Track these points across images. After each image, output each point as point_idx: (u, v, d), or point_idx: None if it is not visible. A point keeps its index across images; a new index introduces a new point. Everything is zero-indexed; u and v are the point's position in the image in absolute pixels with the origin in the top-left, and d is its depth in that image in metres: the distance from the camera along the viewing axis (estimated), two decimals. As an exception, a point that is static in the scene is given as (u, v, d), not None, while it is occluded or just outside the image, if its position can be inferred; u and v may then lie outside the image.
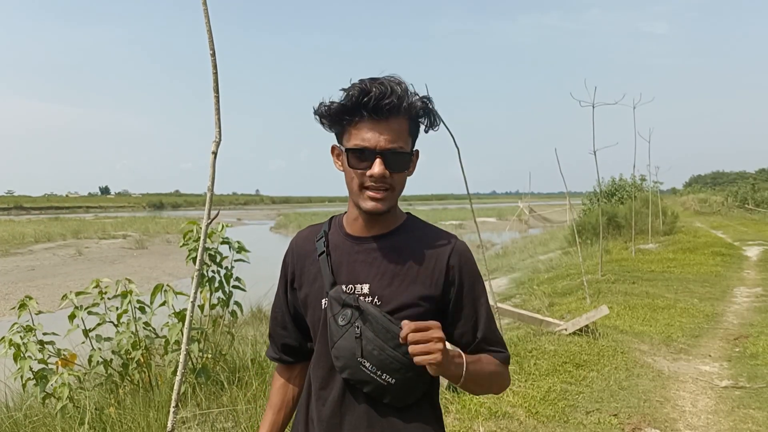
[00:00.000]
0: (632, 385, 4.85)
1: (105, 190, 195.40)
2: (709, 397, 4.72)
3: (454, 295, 1.36)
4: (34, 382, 3.74)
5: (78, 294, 3.91)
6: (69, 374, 3.72)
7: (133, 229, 34.64)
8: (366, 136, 1.28)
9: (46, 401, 3.82)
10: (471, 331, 1.38)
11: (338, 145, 1.37)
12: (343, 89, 1.30)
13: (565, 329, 6.12)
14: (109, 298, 4.08)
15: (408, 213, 1.46)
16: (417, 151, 1.38)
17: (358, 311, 1.28)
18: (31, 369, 3.71)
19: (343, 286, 1.34)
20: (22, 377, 3.70)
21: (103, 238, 30.25)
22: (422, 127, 1.38)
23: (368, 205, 1.30)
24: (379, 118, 1.27)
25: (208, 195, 2.04)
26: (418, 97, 1.32)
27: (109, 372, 4.10)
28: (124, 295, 4.06)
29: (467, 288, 1.37)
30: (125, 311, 4.08)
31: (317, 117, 1.35)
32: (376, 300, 1.32)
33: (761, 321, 7.31)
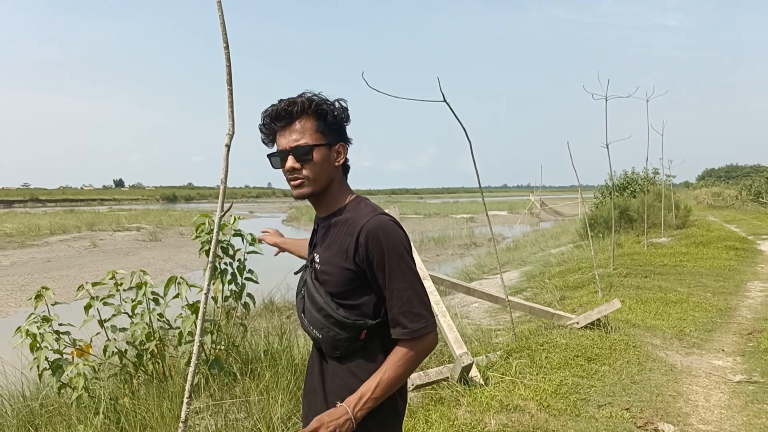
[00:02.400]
0: (644, 380, 4.82)
1: (119, 183, 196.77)
2: (723, 392, 4.69)
3: (368, 270, 1.57)
4: (50, 372, 3.79)
5: (94, 285, 3.96)
6: (84, 364, 3.76)
7: (147, 222, 34.91)
8: (280, 141, 1.63)
9: (62, 391, 3.87)
10: (390, 305, 1.58)
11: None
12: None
13: (577, 323, 6.10)
14: (124, 290, 4.12)
15: (357, 196, 1.71)
16: (329, 144, 1.63)
17: (303, 278, 1.73)
18: (47, 359, 3.76)
19: (314, 255, 1.69)
20: (38, 367, 3.75)
21: (117, 230, 30.53)
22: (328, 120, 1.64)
23: (294, 193, 1.64)
24: (285, 125, 1.61)
25: (221, 188, 2.05)
26: (317, 99, 1.61)
27: (123, 362, 4.15)
28: (138, 286, 4.10)
29: (377, 263, 1.56)
30: (140, 302, 4.12)
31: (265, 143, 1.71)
32: (317, 264, 1.66)
33: (776, 316, 7.24)
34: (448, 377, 4.50)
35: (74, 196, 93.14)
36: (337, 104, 1.64)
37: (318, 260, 1.66)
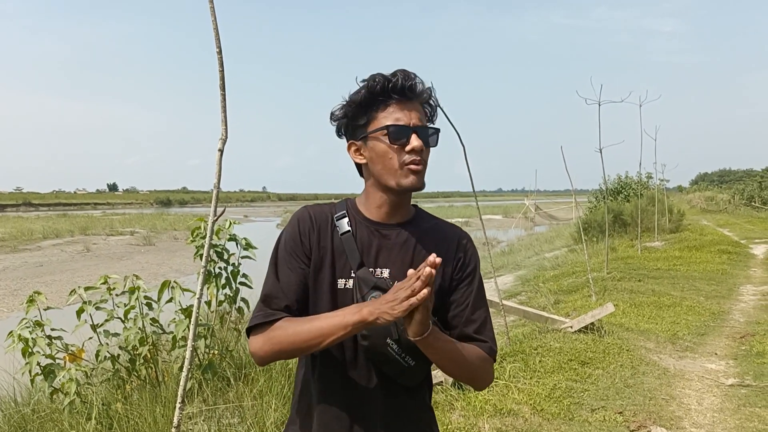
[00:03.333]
0: (638, 383, 4.84)
1: (113, 187, 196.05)
2: (715, 396, 4.71)
3: (456, 282, 1.42)
4: (42, 377, 3.77)
5: (86, 289, 3.94)
6: (76, 369, 3.75)
7: (141, 226, 34.77)
8: (397, 116, 1.35)
9: (54, 396, 3.85)
10: (462, 314, 1.40)
11: (356, 140, 1.42)
12: (364, 80, 1.38)
13: (571, 327, 6.12)
14: (117, 295, 4.11)
15: (415, 205, 1.51)
16: (439, 129, 1.44)
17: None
18: (39, 364, 3.74)
19: (369, 269, 1.38)
20: (30, 372, 3.73)
21: (110, 235, 30.38)
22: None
23: (408, 180, 1.35)
24: (405, 99, 1.37)
25: (215, 192, 2.05)
26: (427, 86, 1.41)
27: (116, 367, 4.13)
28: (131, 291, 4.09)
29: (469, 276, 1.43)
30: (132, 307, 4.11)
31: (342, 110, 1.41)
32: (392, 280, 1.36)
33: (768, 319, 7.28)
34: (442, 381, 4.50)
35: (67, 200, 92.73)
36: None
37: (391, 275, 1.37)
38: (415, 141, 1.34)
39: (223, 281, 4.44)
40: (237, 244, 4.54)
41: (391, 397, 1.40)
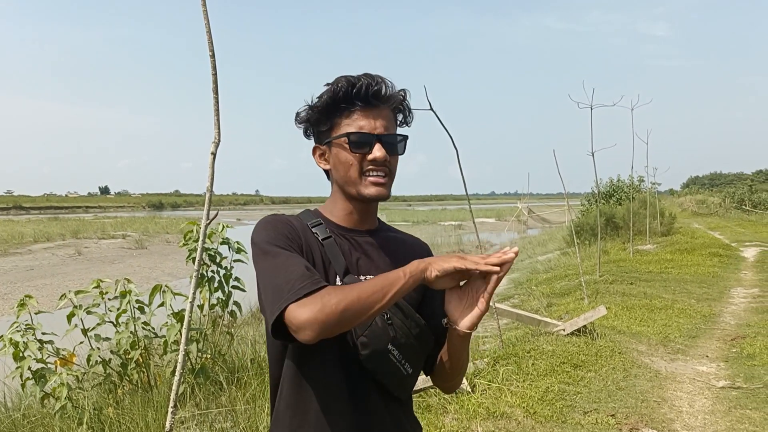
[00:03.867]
0: (630, 386, 4.86)
1: (105, 190, 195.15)
2: (706, 398, 4.73)
3: (428, 290, 1.33)
4: (33, 381, 3.74)
5: (77, 293, 3.92)
6: (68, 374, 3.72)
7: (133, 229, 34.61)
8: (361, 123, 1.29)
9: (45, 401, 3.82)
10: (439, 323, 1.32)
11: (320, 144, 1.37)
12: (327, 84, 1.31)
13: (563, 330, 6.14)
14: (109, 299, 4.09)
15: None
16: (407, 137, 1.37)
17: None
18: (30, 368, 3.71)
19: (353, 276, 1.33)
20: (21, 376, 3.70)
21: (102, 238, 30.21)
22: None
23: (371, 190, 1.30)
24: (370, 106, 1.29)
25: (208, 195, 2.05)
26: (398, 89, 1.35)
27: (107, 372, 4.11)
28: (123, 295, 4.07)
29: None
30: (124, 311, 4.09)
31: (305, 113, 1.36)
32: None
33: (758, 322, 7.33)
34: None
35: (59, 203, 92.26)
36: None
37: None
38: (377, 151, 1.28)
39: (215, 285, 4.43)
40: (229, 248, 4.53)
41: (389, 413, 1.34)
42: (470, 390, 4.49)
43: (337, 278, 1.30)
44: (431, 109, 5.02)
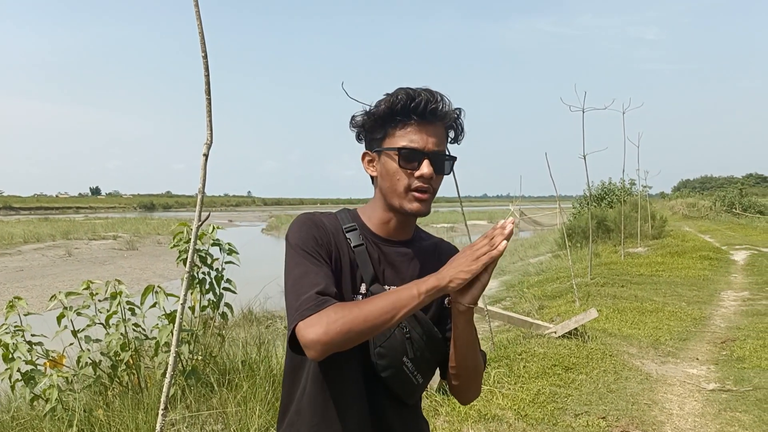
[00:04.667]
0: (620, 388, 4.88)
1: (95, 191, 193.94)
2: (697, 400, 4.76)
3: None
4: (22, 383, 3.71)
5: (67, 294, 3.89)
6: (58, 376, 3.69)
7: (124, 230, 34.42)
8: (413, 137, 1.30)
9: (35, 403, 3.79)
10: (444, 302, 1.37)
11: (371, 151, 1.38)
12: (387, 94, 1.32)
13: (555, 332, 6.16)
14: (99, 300, 4.06)
15: None
16: (455, 158, 1.39)
17: None
18: (19, 370, 3.69)
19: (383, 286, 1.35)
20: (10, 378, 3.67)
21: (93, 239, 30.02)
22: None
23: (413, 206, 1.32)
24: (425, 122, 1.31)
25: (199, 197, 2.04)
26: (454, 108, 1.36)
27: (98, 374, 4.08)
28: (113, 296, 4.05)
29: None
30: (115, 312, 4.06)
31: (360, 119, 1.37)
32: None
33: (748, 324, 7.38)
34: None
35: (49, 204, 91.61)
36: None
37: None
38: (425, 168, 1.29)
39: (206, 286, 4.41)
40: (221, 249, 4.52)
41: (402, 412, 1.38)
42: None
43: (363, 285, 1.33)
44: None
